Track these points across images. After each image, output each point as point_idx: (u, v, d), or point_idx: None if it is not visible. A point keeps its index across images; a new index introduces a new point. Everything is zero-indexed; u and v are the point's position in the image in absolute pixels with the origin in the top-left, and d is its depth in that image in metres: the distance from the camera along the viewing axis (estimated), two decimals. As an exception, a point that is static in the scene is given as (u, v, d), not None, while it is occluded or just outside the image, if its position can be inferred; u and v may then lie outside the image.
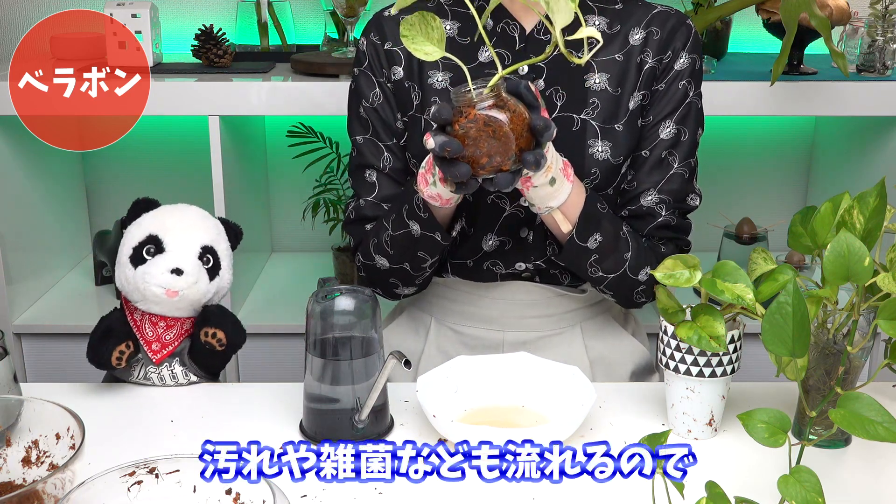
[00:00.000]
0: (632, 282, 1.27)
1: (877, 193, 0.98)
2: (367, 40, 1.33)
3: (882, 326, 0.90)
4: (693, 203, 1.33)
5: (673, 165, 1.29)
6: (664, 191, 1.29)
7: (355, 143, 1.35)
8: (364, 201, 1.34)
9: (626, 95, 1.27)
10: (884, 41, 1.90)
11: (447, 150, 0.98)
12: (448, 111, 0.98)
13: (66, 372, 2.05)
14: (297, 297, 2.07)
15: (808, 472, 0.82)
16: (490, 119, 0.97)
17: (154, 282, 1.16)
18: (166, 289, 1.16)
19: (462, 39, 1.30)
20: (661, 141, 1.28)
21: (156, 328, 1.21)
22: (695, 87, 1.30)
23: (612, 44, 1.29)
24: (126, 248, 1.19)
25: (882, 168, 2.01)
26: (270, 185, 2.35)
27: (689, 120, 1.30)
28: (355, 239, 1.37)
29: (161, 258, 1.17)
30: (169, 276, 1.16)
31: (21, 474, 0.97)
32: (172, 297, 1.17)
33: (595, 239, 1.21)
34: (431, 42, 0.96)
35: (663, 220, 1.30)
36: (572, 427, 1.06)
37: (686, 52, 1.28)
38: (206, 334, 1.20)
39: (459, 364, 1.18)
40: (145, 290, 1.17)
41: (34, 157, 2.06)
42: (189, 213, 1.23)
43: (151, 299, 1.18)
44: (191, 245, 1.19)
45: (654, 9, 1.30)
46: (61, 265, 2.25)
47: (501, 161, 0.99)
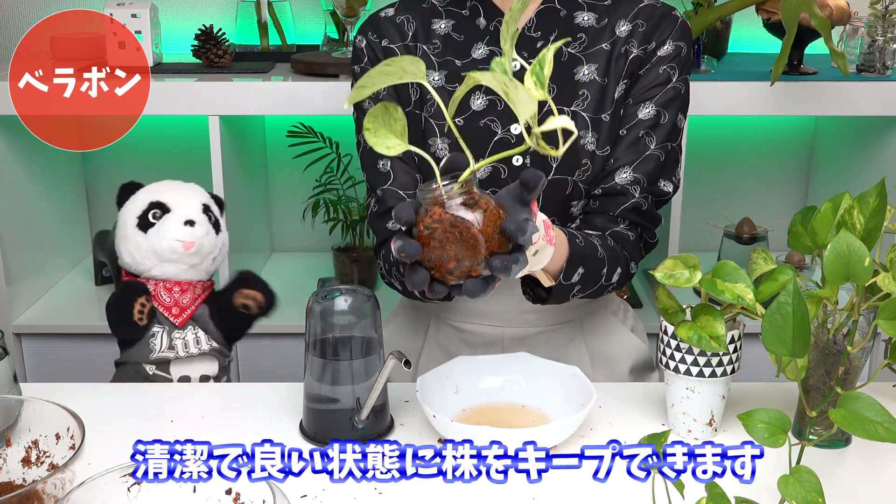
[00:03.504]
0: (604, 286, 1.26)
1: (877, 193, 0.98)
2: (365, 38, 1.34)
3: (882, 326, 0.90)
4: (665, 188, 1.31)
5: (650, 147, 1.29)
6: (638, 170, 1.28)
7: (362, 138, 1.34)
8: (381, 191, 1.31)
9: (612, 85, 1.28)
10: (884, 41, 1.90)
11: (403, 255, 0.87)
12: (408, 211, 0.87)
13: (66, 372, 2.05)
14: (297, 297, 2.06)
15: (808, 472, 0.82)
16: (457, 220, 0.86)
17: (170, 236, 1.22)
18: (183, 241, 1.22)
19: (457, 36, 1.31)
20: (638, 121, 1.28)
21: (171, 293, 1.25)
22: (679, 73, 1.29)
23: (601, 36, 1.29)
24: (129, 219, 1.25)
25: (882, 168, 2.01)
26: (270, 185, 2.35)
27: (672, 105, 1.29)
28: (379, 236, 1.33)
29: (171, 216, 1.24)
30: (183, 229, 1.23)
31: (21, 474, 0.97)
32: (189, 248, 1.23)
33: (579, 273, 1.20)
34: (394, 134, 0.88)
35: (636, 202, 1.28)
36: (572, 427, 1.06)
37: (671, 39, 1.28)
38: (244, 296, 1.27)
39: (459, 364, 1.18)
40: (161, 247, 1.22)
41: (34, 157, 2.06)
42: (180, 183, 1.31)
43: (168, 257, 1.23)
44: (193, 202, 1.27)
45: (641, 2, 1.31)
46: (61, 265, 2.25)
47: (471, 266, 0.87)
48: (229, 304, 1.28)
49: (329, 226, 2.20)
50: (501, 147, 1.25)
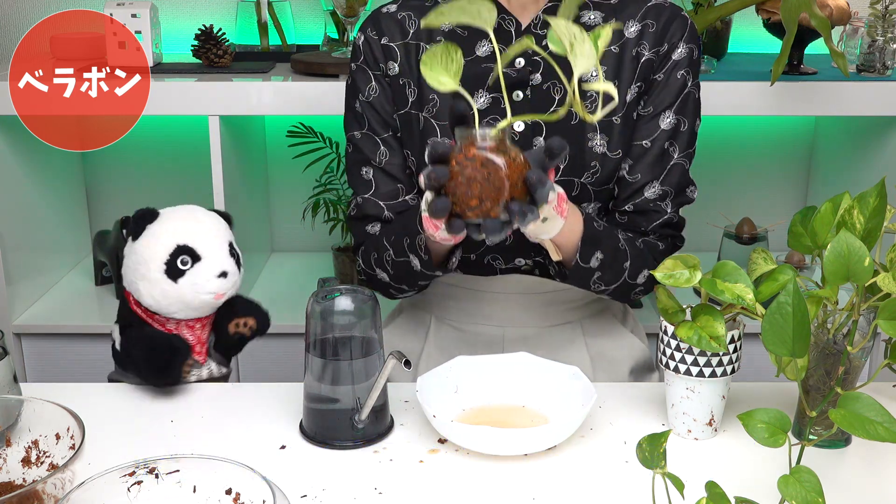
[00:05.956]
0: (630, 285, 1.29)
1: (877, 193, 0.98)
2: (365, 35, 1.34)
3: (882, 326, 0.90)
4: (692, 195, 1.33)
5: (673, 156, 1.29)
6: (666, 182, 1.30)
7: (351, 139, 1.35)
8: (362, 199, 1.34)
9: (622, 88, 1.28)
10: (884, 41, 1.90)
11: (432, 176, 0.94)
12: (444, 146, 0.96)
13: (66, 372, 2.05)
14: (297, 297, 2.07)
15: (808, 472, 0.82)
16: (487, 161, 0.94)
17: (205, 290, 1.18)
18: (215, 294, 1.19)
19: (461, 32, 1.31)
20: (662, 132, 1.29)
21: (193, 331, 1.23)
22: (692, 77, 1.30)
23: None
24: (153, 262, 1.17)
25: (882, 168, 2.01)
26: (270, 185, 2.35)
27: (688, 110, 1.30)
28: (357, 238, 1.37)
29: (202, 266, 1.18)
30: (217, 281, 1.19)
31: (21, 474, 0.97)
32: (220, 299, 1.20)
33: (597, 258, 1.23)
34: (448, 74, 0.95)
35: (667, 218, 1.30)
36: (572, 427, 1.06)
37: (683, 42, 1.29)
38: (237, 325, 1.24)
39: (459, 364, 1.18)
40: (193, 298, 1.18)
41: (34, 157, 2.06)
42: (200, 215, 1.23)
43: (198, 307, 1.20)
44: (221, 246, 1.21)
45: (648, 2, 1.30)
46: (61, 265, 2.25)
47: (491, 207, 0.95)
48: (225, 332, 1.25)
49: (329, 226, 2.20)
50: None
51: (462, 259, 1.35)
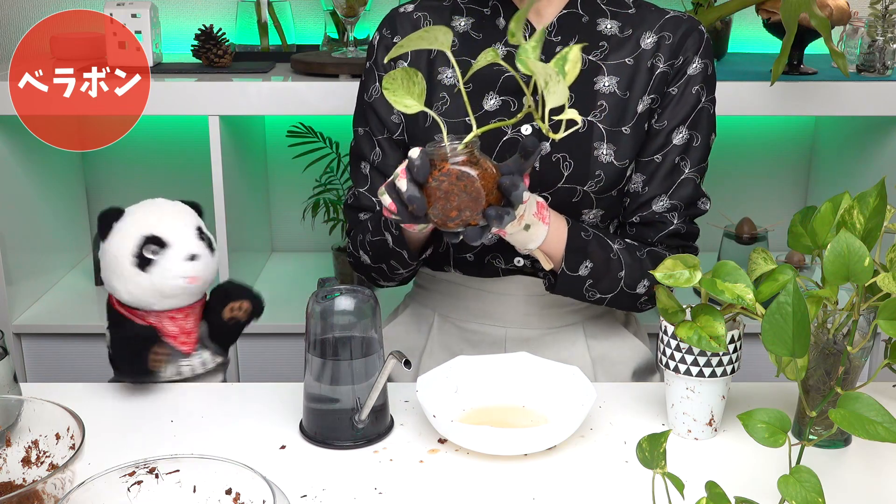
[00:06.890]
0: (631, 295, 1.29)
1: (877, 193, 0.98)
2: (380, 34, 1.35)
3: (882, 326, 0.90)
4: (704, 207, 1.33)
5: (684, 171, 1.29)
6: (675, 196, 1.30)
7: (356, 133, 1.38)
8: (358, 191, 1.38)
9: (635, 99, 1.27)
10: (884, 41, 1.90)
11: (413, 207, 1.02)
12: (427, 167, 1.01)
13: (66, 372, 2.05)
14: (297, 297, 2.07)
15: (808, 472, 0.82)
16: (462, 174, 1.01)
17: (174, 274, 1.17)
18: (188, 277, 1.18)
19: (475, 35, 1.31)
20: (674, 146, 1.29)
21: (175, 322, 1.22)
22: (707, 93, 1.30)
23: (623, 47, 1.28)
24: (123, 258, 1.18)
25: (882, 168, 2.01)
26: (270, 185, 2.35)
27: (702, 125, 1.30)
28: (350, 223, 1.41)
29: (170, 251, 1.18)
30: (187, 264, 1.18)
31: (21, 474, 0.97)
32: (193, 283, 1.19)
33: (585, 266, 1.24)
34: (412, 96, 1.01)
35: (674, 229, 1.30)
36: (572, 427, 1.06)
37: (699, 56, 1.28)
38: (231, 309, 1.23)
39: (460, 364, 1.18)
40: (164, 285, 1.17)
41: (34, 157, 2.06)
42: (163, 206, 1.23)
43: (171, 293, 1.19)
44: (187, 230, 1.20)
45: (666, 14, 1.30)
46: (61, 265, 2.25)
47: (471, 216, 1.02)
48: (219, 319, 1.24)
49: (329, 226, 2.20)
50: (510, 147, 1.26)
51: (461, 260, 1.35)
